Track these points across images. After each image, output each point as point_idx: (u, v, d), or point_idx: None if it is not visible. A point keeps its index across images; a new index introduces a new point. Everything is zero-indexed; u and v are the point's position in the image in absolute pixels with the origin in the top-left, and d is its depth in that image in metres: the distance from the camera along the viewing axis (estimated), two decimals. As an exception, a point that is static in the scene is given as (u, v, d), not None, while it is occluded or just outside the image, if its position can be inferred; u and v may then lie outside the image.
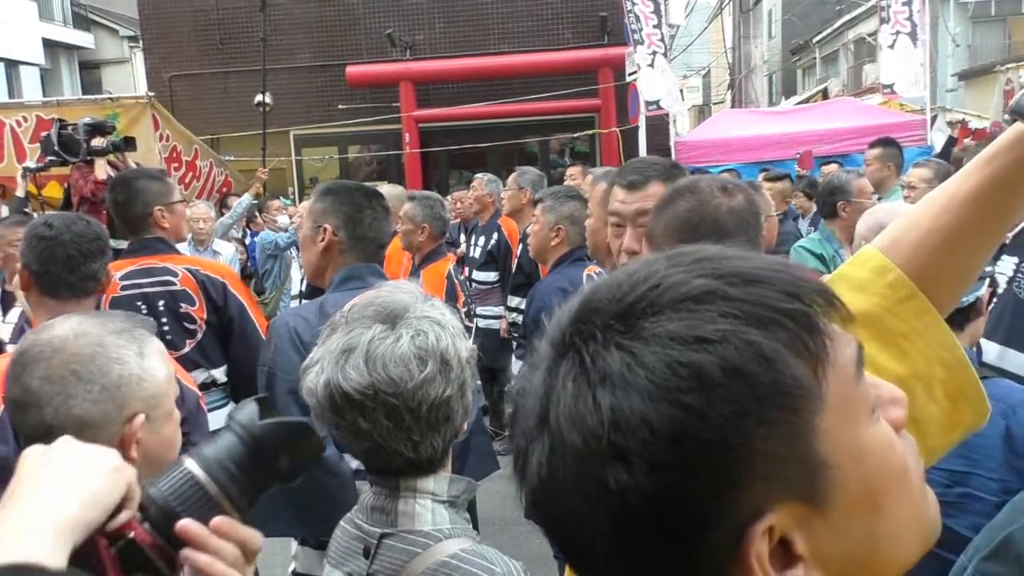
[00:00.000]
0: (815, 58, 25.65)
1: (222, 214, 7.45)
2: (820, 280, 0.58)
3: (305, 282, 5.75)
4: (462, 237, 6.83)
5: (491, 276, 5.72)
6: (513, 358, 4.62)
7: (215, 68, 12.33)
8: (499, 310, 5.47)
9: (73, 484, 0.74)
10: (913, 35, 9.14)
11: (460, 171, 12.39)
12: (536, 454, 0.55)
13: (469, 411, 1.30)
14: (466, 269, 5.73)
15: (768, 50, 24.79)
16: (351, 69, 11.59)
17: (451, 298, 3.82)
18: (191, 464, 0.82)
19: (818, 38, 24.37)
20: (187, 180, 8.81)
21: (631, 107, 9.84)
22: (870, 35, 21.00)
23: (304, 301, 5.30)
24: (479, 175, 6.28)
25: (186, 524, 0.79)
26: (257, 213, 8.04)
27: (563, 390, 0.54)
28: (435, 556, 1.21)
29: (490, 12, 12.18)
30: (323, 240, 2.33)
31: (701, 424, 0.50)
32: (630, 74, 9.71)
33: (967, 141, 8.36)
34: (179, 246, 6.15)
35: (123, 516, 0.78)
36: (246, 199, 7.22)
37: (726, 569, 0.52)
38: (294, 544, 2.30)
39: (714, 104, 22.51)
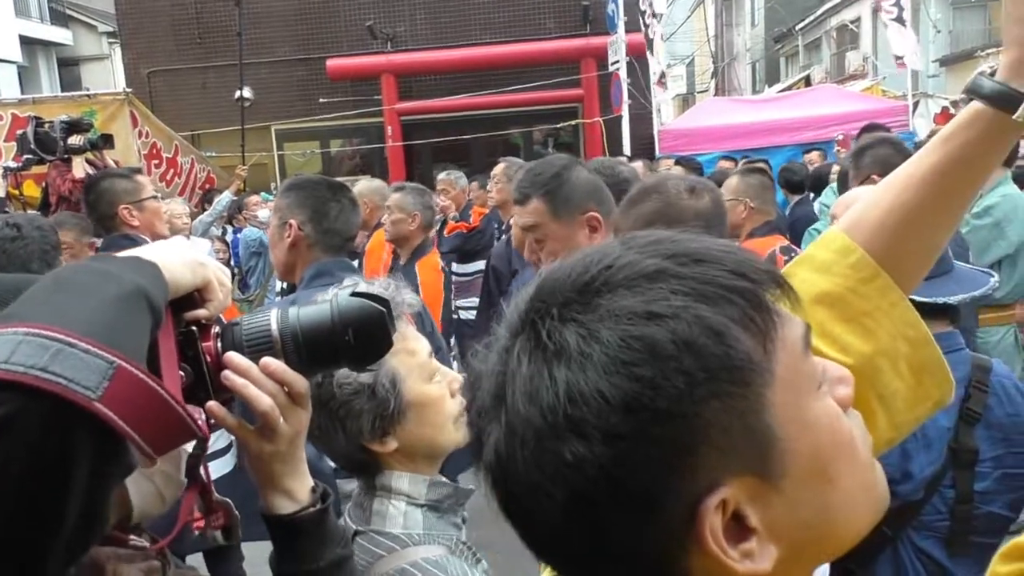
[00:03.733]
0: (798, 46, 25.70)
1: (204, 210, 7.39)
2: (767, 262, 0.59)
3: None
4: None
5: (469, 268, 5.70)
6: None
7: (194, 63, 12.22)
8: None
9: (170, 251, 0.84)
10: (900, 19, 9.32)
11: (444, 163, 12.35)
12: (494, 433, 0.57)
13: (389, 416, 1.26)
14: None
15: (751, 38, 24.84)
16: (332, 62, 11.52)
17: (447, 290, 3.81)
18: (273, 318, 0.91)
19: (801, 25, 24.42)
20: (168, 177, 8.73)
21: (614, 97, 9.83)
22: (852, 22, 21.07)
23: (280, 298, 5.27)
24: (442, 176, 6.31)
25: (231, 355, 0.87)
26: (238, 210, 7.98)
27: (519, 367, 0.55)
28: (396, 561, 1.19)
29: (472, 3, 12.12)
30: (289, 236, 2.33)
31: (654, 395, 0.51)
32: (613, 64, 9.70)
33: (939, 125, 8.42)
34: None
35: (202, 312, 0.86)
36: (226, 197, 7.17)
37: (681, 546, 0.54)
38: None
39: (698, 92, 22.52)
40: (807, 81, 18.61)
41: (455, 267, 5.70)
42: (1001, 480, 1.83)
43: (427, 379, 1.30)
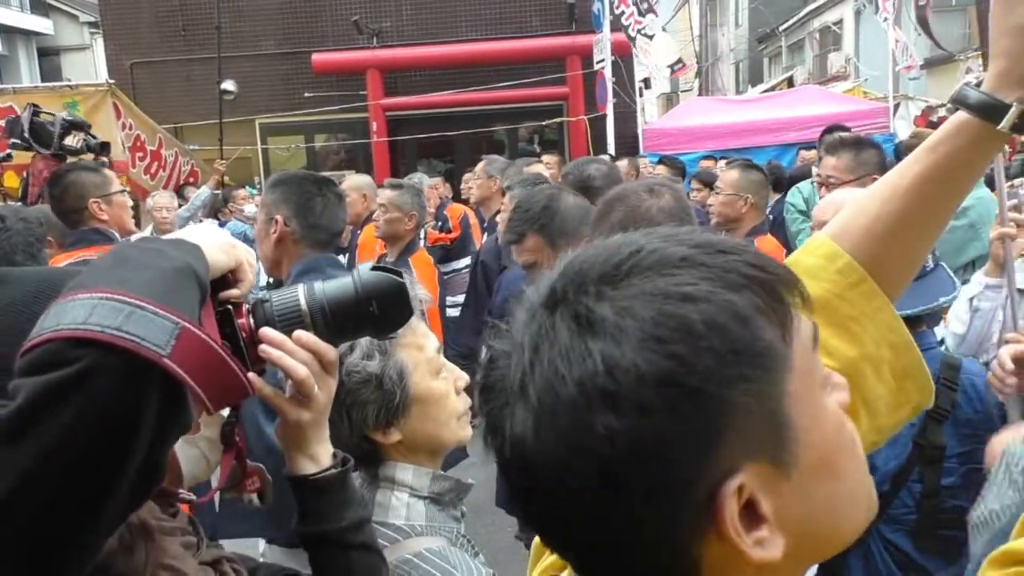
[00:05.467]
0: (781, 47, 25.83)
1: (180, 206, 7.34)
2: (781, 262, 0.62)
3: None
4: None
5: (449, 266, 5.72)
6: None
7: (178, 55, 12.11)
8: (459, 298, 5.47)
9: (207, 234, 0.90)
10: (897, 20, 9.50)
11: (428, 160, 12.33)
12: (519, 409, 0.57)
13: (391, 408, 1.29)
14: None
15: (735, 38, 24.92)
16: (317, 57, 11.46)
17: (441, 285, 3.83)
18: (301, 293, 0.97)
19: (784, 27, 24.54)
20: (153, 170, 8.67)
21: (599, 95, 9.86)
22: (835, 24, 21.20)
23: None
24: (409, 179, 6.33)
25: (267, 330, 0.94)
26: (224, 203, 7.93)
27: (556, 339, 0.56)
28: (399, 552, 1.21)
29: (458, -1, 12.10)
30: (276, 231, 2.33)
31: (686, 372, 0.53)
32: (598, 62, 9.73)
33: (920, 128, 8.53)
34: (142, 234, 6.06)
35: (235, 291, 0.92)
36: (205, 191, 7.10)
37: (698, 530, 0.55)
38: (261, 543, 2.28)
39: (682, 92, 22.57)
40: (790, 82, 18.71)
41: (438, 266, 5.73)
42: (968, 475, 1.88)
43: (434, 374, 1.32)
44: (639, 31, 9.64)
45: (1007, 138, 0.84)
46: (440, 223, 5.87)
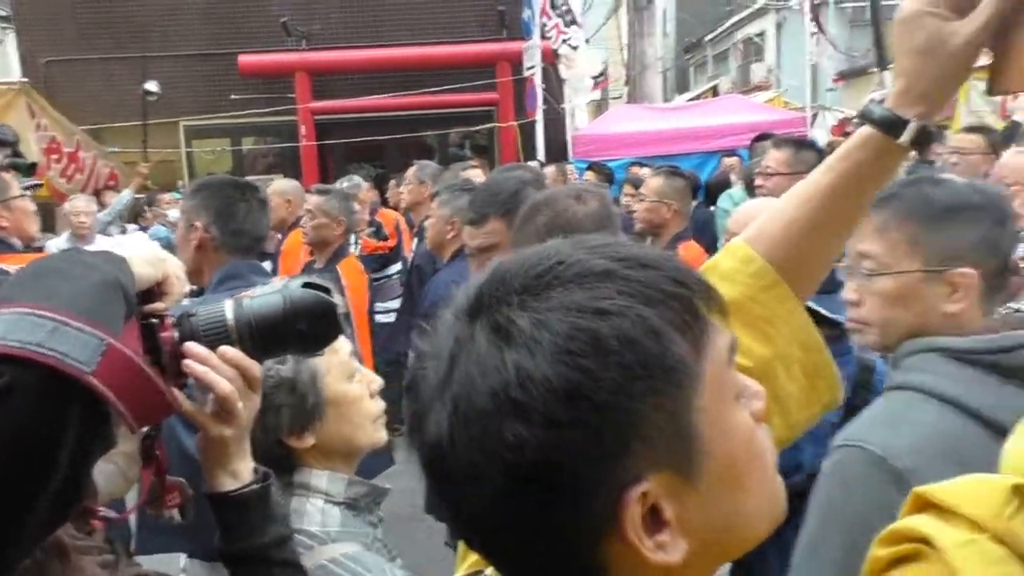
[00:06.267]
0: (707, 56, 26.47)
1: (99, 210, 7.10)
2: (702, 275, 0.64)
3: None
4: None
5: (380, 273, 5.68)
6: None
7: (98, 54, 11.70)
8: (394, 303, 5.44)
9: (133, 246, 0.90)
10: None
11: (359, 164, 12.21)
12: (437, 411, 0.58)
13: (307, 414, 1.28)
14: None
15: (662, 48, 25.37)
16: (243, 58, 11.22)
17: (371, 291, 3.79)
18: (228, 308, 0.96)
19: (709, 37, 25.15)
20: (70, 173, 8.36)
21: (528, 101, 9.94)
22: (757, 36, 21.82)
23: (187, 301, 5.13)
24: (349, 182, 6.25)
25: (191, 345, 0.94)
26: (146, 207, 7.70)
27: (474, 348, 0.58)
28: (314, 558, 1.20)
29: (388, 3, 12.01)
30: (195, 238, 2.29)
31: (594, 385, 0.55)
32: (528, 69, 9.80)
33: (835, 138, 8.86)
34: (58, 240, 5.82)
35: (160, 304, 0.92)
36: (126, 195, 6.89)
37: (601, 533, 0.57)
38: (182, 558, 2.23)
39: (612, 99, 22.89)
40: (715, 91, 19.17)
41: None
42: None
43: (347, 378, 1.32)
44: (564, 41, 9.73)
45: (907, 151, 0.90)
46: (375, 229, 5.81)
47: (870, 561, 0.62)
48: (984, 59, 0.88)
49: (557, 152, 9.61)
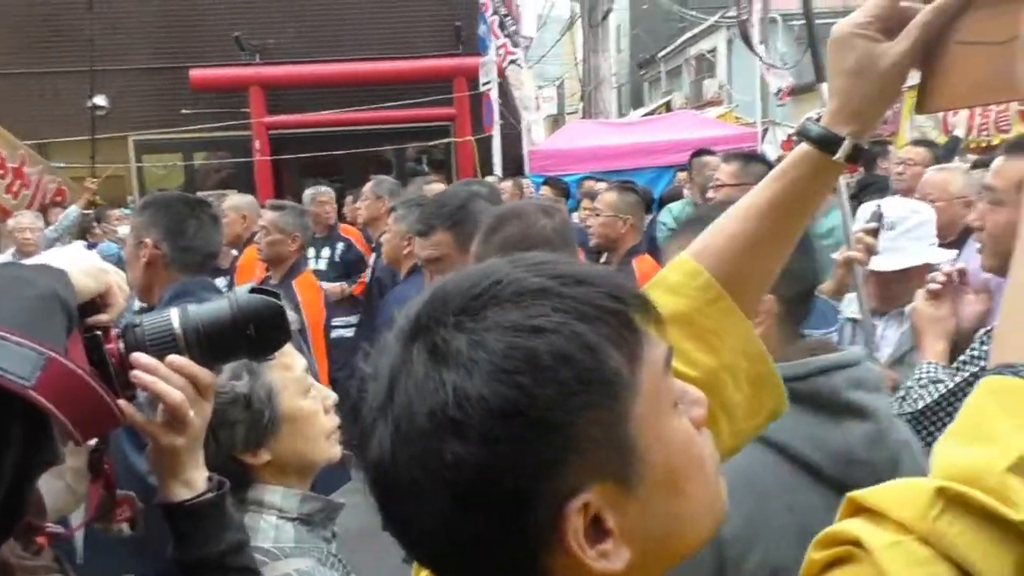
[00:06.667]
0: (660, 72, 26.86)
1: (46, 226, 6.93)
2: (639, 288, 0.66)
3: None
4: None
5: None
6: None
7: (43, 67, 11.46)
8: (352, 319, 5.40)
9: (74, 259, 0.89)
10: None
11: (315, 179, 12.11)
12: (380, 430, 0.60)
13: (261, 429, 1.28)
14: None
15: (617, 63, 25.70)
16: (195, 72, 11.09)
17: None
18: (174, 315, 0.96)
19: (662, 53, 25.53)
20: (15, 189, 8.15)
21: (485, 117, 9.99)
22: (709, 52, 22.23)
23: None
24: (315, 191, 6.14)
25: (138, 355, 0.93)
26: (95, 223, 7.54)
27: (413, 369, 0.59)
28: (268, 574, 1.20)
29: (344, 17, 12.00)
30: (145, 255, 2.25)
31: (531, 402, 0.56)
32: (484, 84, 9.86)
33: (785, 152, 9.08)
34: (3, 257, 5.66)
35: (103, 316, 0.91)
36: (73, 211, 6.74)
37: (545, 545, 0.58)
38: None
39: (568, 114, 23.10)
40: (668, 106, 19.45)
41: (325, 285, 5.61)
42: None
43: (302, 394, 1.32)
44: (511, 61, 9.79)
45: (843, 167, 0.93)
46: (345, 245, 5.70)
47: (806, 564, 0.64)
48: (913, 79, 0.92)
49: (514, 167, 9.66)
